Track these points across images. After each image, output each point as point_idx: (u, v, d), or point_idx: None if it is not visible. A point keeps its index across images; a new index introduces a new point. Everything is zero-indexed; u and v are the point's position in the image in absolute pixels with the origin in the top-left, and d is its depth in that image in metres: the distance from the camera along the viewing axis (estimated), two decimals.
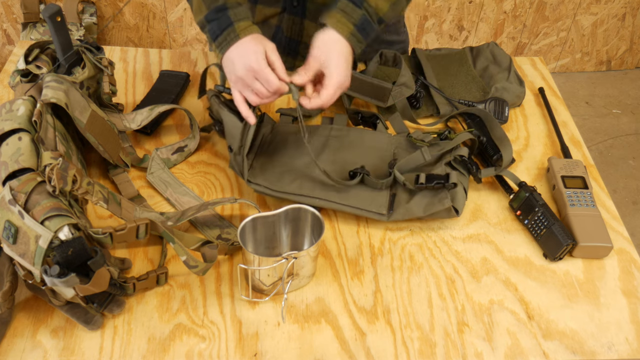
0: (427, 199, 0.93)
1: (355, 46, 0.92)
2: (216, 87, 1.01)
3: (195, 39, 2.41)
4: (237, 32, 0.89)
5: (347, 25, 0.90)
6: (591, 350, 0.82)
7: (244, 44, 0.88)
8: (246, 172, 0.95)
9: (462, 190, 0.94)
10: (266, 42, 0.89)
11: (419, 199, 0.94)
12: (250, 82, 0.88)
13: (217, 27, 0.91)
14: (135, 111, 1.03)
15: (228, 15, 0.90)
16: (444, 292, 0.88)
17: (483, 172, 0.98)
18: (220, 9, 0.91)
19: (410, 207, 0.93)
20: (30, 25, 2.13)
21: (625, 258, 0.94)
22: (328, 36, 0.90)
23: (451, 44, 2.52)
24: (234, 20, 0.90)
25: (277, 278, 0.83)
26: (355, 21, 0.91)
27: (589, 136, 2.42)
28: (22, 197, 0.73)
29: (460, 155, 0.98)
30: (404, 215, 0.93)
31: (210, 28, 0.91)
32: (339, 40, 0.90)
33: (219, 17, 0.91)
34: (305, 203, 0.94)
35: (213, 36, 0.91)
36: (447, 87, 1.17)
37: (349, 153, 1.03)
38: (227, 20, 0.90)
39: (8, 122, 0.81)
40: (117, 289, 0.79)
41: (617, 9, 2.49)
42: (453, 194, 0.93)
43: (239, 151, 0.96)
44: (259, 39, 0.89)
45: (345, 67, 0.90)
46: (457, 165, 0.98)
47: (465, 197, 0.95)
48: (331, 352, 0.80)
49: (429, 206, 0.93)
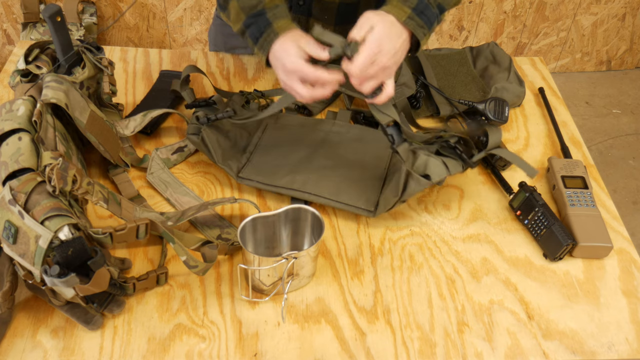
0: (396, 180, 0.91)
1: (415, 30, 0.87)
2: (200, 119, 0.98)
3: (195, 39, 2.41)
4: (276, 30, 0.88)
5: (403, 10, 0.86)
6: (591, 350, 0.82)
7: (280, 45, 0.87)
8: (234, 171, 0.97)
9: (437, 160, 0.90)
10: (301, 39, 0.87)
11: (391, 185, 0.93)
12: (292, 84, 0.87)
13: (256, 30, 0.90)
14: (128, 117, 1.03)
15: (266, 17, 0.90)
16: (444, 292, 0.88)
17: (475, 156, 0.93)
18: (259, 13, 0.91)
19: (386, 196, 0.92)
20: (30, 25, 2.13)
21: (625, 258, 0.94)
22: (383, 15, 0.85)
23: (451, 44, 2.52)
24: (272, 20, 0.89)
25: (277, 278, 0.83)
26: (412, 4, 0.87)
27: (589, 136, 2.42)
28: (22, 197, 0.73)
29: (446, 141, 0.95)
30: (384, 206, 0.93)
31: (250, 32, 0.91)
32: (394, 22, 0.85)
33: (257, 20, 0.90)
34: (295, 197, 0.95)
35: (254, 39, 0.91)
36: (447, 87, 1.17)
37: (347, 149, 1.03)
38: (265, 21, 0.90)
39: (8, 122, 0.81)
40: (117, 289, 0.79)
41: (617, 9, 2.49)
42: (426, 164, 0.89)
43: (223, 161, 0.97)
44: (294, 37, 0.87)
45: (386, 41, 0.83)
46: (445, 151, 0.95)
47: (447, 169, 0.90)
48: (331, 352, 0.80)
49: (398, 184, 0.90)
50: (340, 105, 1.17)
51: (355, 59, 0.82)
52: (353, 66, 0.82)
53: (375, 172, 0.99)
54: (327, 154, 1.02)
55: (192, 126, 0.98)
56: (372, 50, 0.82)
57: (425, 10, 0.88)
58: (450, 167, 0.90)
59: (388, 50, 0.84)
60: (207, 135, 0.96)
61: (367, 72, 0.83)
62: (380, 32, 0.83)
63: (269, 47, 0.89)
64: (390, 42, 0.84)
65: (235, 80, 1.21)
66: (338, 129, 1.07)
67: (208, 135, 0.96)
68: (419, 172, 0.89)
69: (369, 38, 0.82)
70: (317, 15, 1.11)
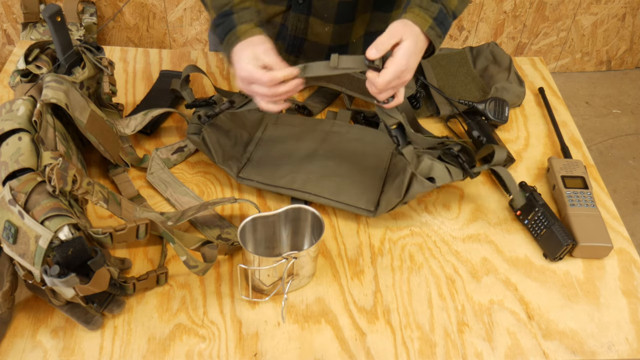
0: (400, 181, 0.92)
1: (434, 40, 0.88)
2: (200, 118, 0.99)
3: (195, 39, 2.41)
4: (237, 34, 0.89)
5: (425, 19, 0.87)
6: (591, 350, 0.82)
7: (237, 52, 0.88)
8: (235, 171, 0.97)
9: (442, 165, 0.91)
10: (258, 47, 0.87)
11: (394, 186, 0.93)
12: (247, 90, 0.88)
13: (221, 31, 0.91)
14: (129, 117, 1.03)
15: (232, 19, 0.90)
16: (444, 292, 0.88)
17: (476, 168, 0.95)
18: (226, 13, 0.91)
19: (389, 197, 0.93)
20: (30, 25, 2.13)
21: (625, 258, 0.94)
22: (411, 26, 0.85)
23: (451, 44, 2.52)
24: (237, 23, 0.90)
25: (277, 278, 0.83)
26: (434, 14, 0.88)
27: (589, 136, 2.42)
28: (22, 197, 0.73)
29: (449, 148, 0.96)
30: (386, 206, 0.93)
31: (218, 32, 0.92)
32: (419, 35, 0.86)
33: (225, 20, 0.91)
34: (295, 197, 0.95)
35: (220, 40, 0.91)
36: (447, 87, 1.17)
37: (347, 149, 1.03)
38: (230, 23, 0.90)
39: (8, 122, 0.81)
40: (117, 289, 0.79)
41: (617, 9, 2.49)
42: (430, 168, 0.90)
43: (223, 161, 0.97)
44: (251, 43, 0.88)
45: (413, 58, 0.84)
46: (447, 158, 0.96)
47: (450, 175, 0.91)
48: (331, 352, 0.80)
49: (401, 186, 0.91)
50: (340, 105, 1.17)
51: (383, 74, 0.82)
52: (380, 80, 0.83)
53: (376, 172, 0.99)
54: (327, 154, 1.02)
55: (193, 126, 0.98)
56: (400, 66, 0.83)
57: (444, 20, 0.89)
58: (453, 174, 0.92)
59: (413, 67, 0.85)
60: (207, 135, 0.96)
61: (390, 85, 0.84)
62: (408, 49, 0.83)
63: (230, 50, 0.89)
64: (415, 59, 0.85)
65: (235, 80, 1.21)
66: (338, 129, 1.07)
67: (209, 135, 0.96)
68: (423, 175, 0.90)
69: (398, 54, 0.83)
70: (317, 13, 1.11)
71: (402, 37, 0.83)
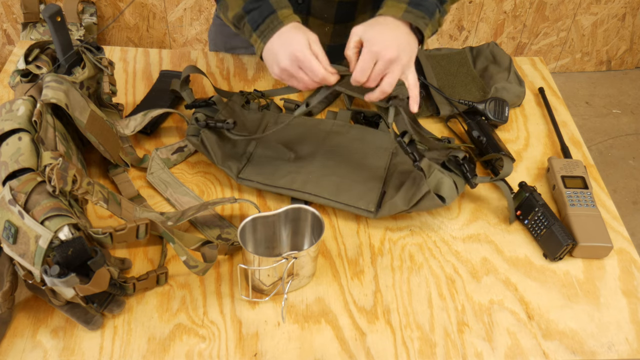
0: (411, 192, 0.92)
1: (416, 22, 0.86)
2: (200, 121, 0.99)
3: (195, 39, 2.41)
4: (280, 19, 0.87)
5: (399, 7, 0.85)
6: (591, 350, 0.82)
7: (286, 33, 0.86)
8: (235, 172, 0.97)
9: (451, 181, 0.91)
10: (309, 33, 0.87)
11: (403, 193, 0.93)
12: (294, 72, 0.86)
13: (258, 16, 0.88)
14: (128, 117, 1.03)
15: (269, 3, 0.88)
16: (444, 292, 0.88)
17: (478, 178, 0.95)
18: None
19: (395, 202, 0.93)
20: (30, 25, 2.13)
21: (625, 258, 0.94)
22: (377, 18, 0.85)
23: (451, 44, 2.52)
24: (276, 8, 0.88)
25: (277, 278, 0.83)
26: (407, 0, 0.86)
27: (589, 136, 2.42)
28: (22, 197, 0.73)
29: (454, 156, 0.96)
30: (389, 210, 0.93)
31: (251, 17, 0.89)
32: (391, 20, 0.84)
33: (260, 5, 0.89)
34: (295, 198, 0.95)
35: (254, 25, 0.89)
36: (447, 87, 1.17)
37: (347, 150, 1.03)
38: (269, 7, 0.88)
39: (8, 122, 0.81)
40: (117, 289, 0.79)
41: (617, 9, 2.49)
42: (439, 183, 0.91)
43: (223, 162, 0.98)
44: (302, 28, 0.87)
45: (389, 36, 0.82)
46: (451, 165, 0.96)
47: (457, 190, 0.92)
48: (331, 352, 0.80)
49: (412, 197, 0.91)
50: (340, 105, 1.17)
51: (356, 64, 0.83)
52: (354, 72, 0.83)
53: (376, 173, 0.99)
54: (327, 154, 1.02)
55: (192, 127, 0.98)
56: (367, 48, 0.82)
57: (422, 1, 0.87)
58: (459, 188, 0.93)
59: (391, 44, 0.82)
60: (206, 137, 0.96)
61: (376, 70, 0.82)
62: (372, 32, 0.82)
63: (270, 35, 0.87)
64: (389, 33, 0.83)
65: (235, 80, 1.21)
66: (338, 129, 1.07)
67: (207, 137, 0.96)
68: (431, 187, 0.90)
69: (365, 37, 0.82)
70: (316, 13, 1.11)
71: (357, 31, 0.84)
